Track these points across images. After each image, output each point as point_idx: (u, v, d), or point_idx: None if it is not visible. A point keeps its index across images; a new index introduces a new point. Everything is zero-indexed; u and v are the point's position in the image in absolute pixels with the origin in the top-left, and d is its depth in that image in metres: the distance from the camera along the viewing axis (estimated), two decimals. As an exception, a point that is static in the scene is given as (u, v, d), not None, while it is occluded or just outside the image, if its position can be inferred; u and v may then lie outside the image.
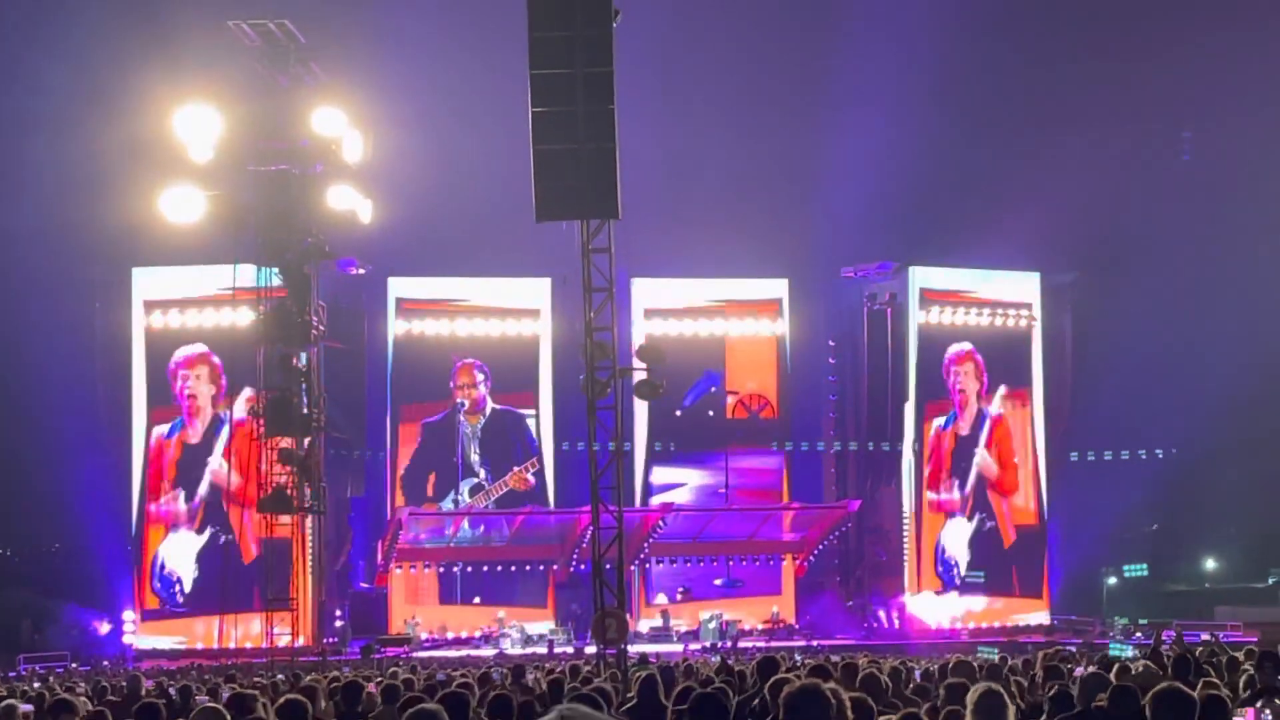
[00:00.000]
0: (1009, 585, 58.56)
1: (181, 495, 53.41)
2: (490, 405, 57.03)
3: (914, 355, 57.75)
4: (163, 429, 53.69)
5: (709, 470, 58.10)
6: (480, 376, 56.85)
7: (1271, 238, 61.88)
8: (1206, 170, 61.81)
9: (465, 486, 56.54)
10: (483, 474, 56.81)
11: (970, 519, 58.14)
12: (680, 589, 56.82)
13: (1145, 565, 62.40)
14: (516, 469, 56.76)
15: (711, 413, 58.27)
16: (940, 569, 57.41)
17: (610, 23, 24.88)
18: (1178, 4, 61.07)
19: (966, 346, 58.68)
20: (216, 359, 53.30)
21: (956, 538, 57.94)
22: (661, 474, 58.07)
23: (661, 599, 56.71)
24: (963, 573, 57.80)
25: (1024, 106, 63.54)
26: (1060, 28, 64.30)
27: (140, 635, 52.56)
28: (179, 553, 53.18)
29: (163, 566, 53.22)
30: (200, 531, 53.06)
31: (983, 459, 58.59)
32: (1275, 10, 59.80)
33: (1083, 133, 60.36)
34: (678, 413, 57.11)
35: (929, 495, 57.68)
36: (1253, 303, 60.91)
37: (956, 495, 58.08)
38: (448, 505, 56.07)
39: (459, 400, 56.58)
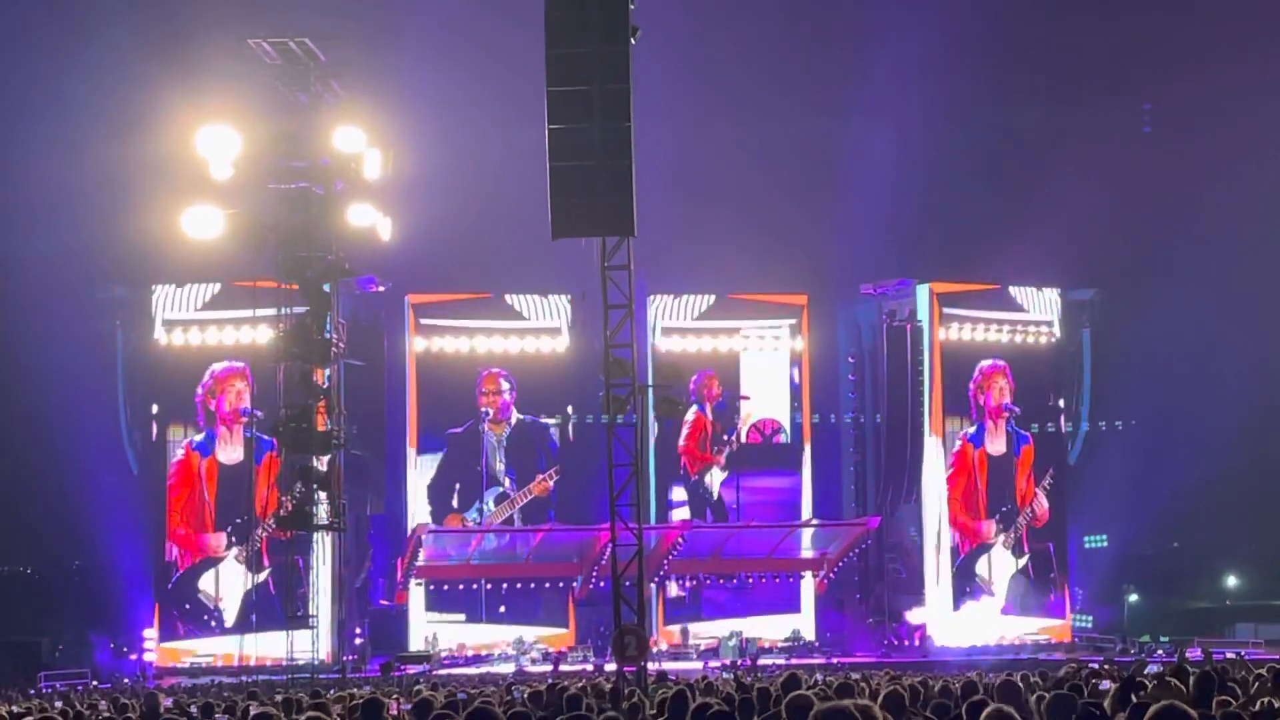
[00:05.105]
0: (1030, 603, 58.35)
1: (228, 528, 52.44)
2: (515, 415, 56.93)
3: (928, 371, 57.58)
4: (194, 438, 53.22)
5: (728, 489, 58.21)
6: (506, 385, 56.72)
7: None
8: (1226, 184, 61.49)
9: (490, 496, 56.48)
10: (508, 483, 56.75)
11: (1017, 556, 58.14)
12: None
13: (1105, 536, 61.88)
14: (540, 476, 56.70)
15: (728, 437, 58.28)
16: (963, 587, 57.28)
17: (628, 41, 24.88)
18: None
19: (998, 362, 58.55)
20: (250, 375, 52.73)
21: (994, 563, 57.92)
22: (680, 492, 58.07)
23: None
24: (991, 593, 57.69)
25: (1044, 122, 63.34)
26: (1082, 43, 64.14)
27: (164, 644, 52.53)
28: (225, 582, 52.55)
29: (197, 591, 52.86)
30: (251, 566, 51.76)
31: (1021, 486, 58.61)
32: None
33: (1102, 149, 60.23)
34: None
35: (961, 516, 57.55)
36: (1273, 319, 60.66)
37: (997, 525, 58.01)
38: (473, 515, 56.01)
39: (484, 409, 56.40)
